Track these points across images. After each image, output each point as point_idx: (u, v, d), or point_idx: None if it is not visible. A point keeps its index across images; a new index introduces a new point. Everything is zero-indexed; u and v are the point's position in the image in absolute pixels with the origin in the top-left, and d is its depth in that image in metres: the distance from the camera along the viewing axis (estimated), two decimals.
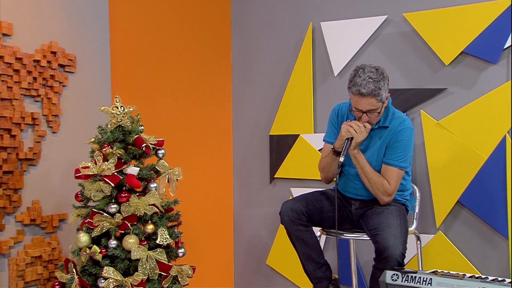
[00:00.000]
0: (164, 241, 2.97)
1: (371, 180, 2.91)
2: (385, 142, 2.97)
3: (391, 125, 2.97)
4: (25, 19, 3.10)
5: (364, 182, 2.95)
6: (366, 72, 2.83)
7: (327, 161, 3.05)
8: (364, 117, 2.88)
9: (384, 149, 2.97)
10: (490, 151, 3.33)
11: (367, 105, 2.83)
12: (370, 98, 2.81)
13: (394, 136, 2.95)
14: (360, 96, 2.82)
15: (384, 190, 2.90)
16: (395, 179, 2.92)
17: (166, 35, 3.95)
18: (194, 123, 4.13)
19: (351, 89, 2.85)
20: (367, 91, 2.79)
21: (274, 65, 4.18)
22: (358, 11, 3.80)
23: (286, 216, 2.93)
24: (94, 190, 2.91)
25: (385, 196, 2.92)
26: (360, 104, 2.85)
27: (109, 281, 2.81)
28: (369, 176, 2.91)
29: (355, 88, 2.82)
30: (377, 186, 2.90)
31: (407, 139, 2.95)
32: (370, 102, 2.82)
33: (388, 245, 2.64)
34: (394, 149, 2.94)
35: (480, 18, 3.34)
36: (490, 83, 3.35)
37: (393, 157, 2.94)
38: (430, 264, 3.40)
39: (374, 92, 2.79)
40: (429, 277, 2.32)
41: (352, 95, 2.87)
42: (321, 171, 3.13)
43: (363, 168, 2.91)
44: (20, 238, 3.06)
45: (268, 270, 4.21)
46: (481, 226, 3.39)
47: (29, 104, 3.13)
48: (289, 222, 2.93)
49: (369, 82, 2.79)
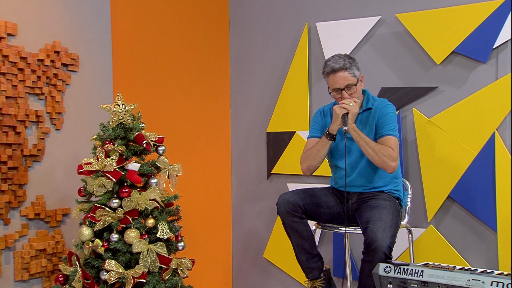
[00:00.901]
0: (165, 235, 2.98)
1: (375, 148, 2.91)
2: (374, 121, 3.03)
3: (374, 105, 3.07)
4: (29, 19, 3.11)
5: (369, 154, 2.92)
6: (334, 56, 3.03)
7: (316, 147, 3.06)
8: (344, 94, 2.98)
9: (374, 128, 3.03)
10: (480, 147, 3.33)
11: (343, 79, 2.96)
12: (344, 72, 2.96)
13: (381, 111, 3.04)
14: (334, 73, 2.97)
15: (390, 155, 2.91)
16: (395, 145, 2.96)
17: (166, 35, 3.96)
18: (194, 120, 4.14)
19: (325, 72, 3.02)
20: (339, 66, 2.96)
21: (271, 64, 4.19)
22: (352, 11, 3.80)
23: (282, 207, 2.96)
24: (97, 186, 2.92)
25: (392, 161, 2.91)
26: (336, 82, 2.98)
27: (111, 274, 2.82)
28: (372, 145, 2.91)
29: (328, 68, 2.99)
30: (382, 152, 2.90)
31: (392, 113, 3.05)
32: (344, 76, 2.96)
33: (376, 238, 2.65)
34: (385, 121, 3.01)
35: (470, 19, 3.34)
36: (479, 82, 3.35)
37: (386, 128, 2.99)
38: (421, 256, 3.41)
39: (346, 65, 2.96)
40: (420, 269, 2.32)
41: (328, 78, 3.01)
42: (305, 160, 3.11)
43: (365, 139, 2.92)
44: (25, 232, 3.07)
45: (265, 262, 4.22)
46: (471, 220, 3.40)
47: (33, 102, 3.14)
48: (285, 213, 2.95)
49: (338, 59, 2.99)
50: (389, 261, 2.55)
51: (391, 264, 2.40)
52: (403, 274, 2.37)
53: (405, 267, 2.38)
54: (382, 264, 2.42)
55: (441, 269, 2.32)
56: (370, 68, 3.68)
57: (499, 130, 3.29)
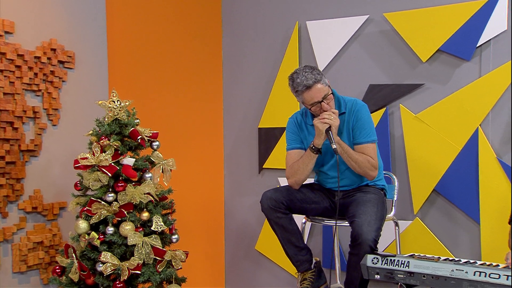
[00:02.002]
0: (159, 227, 2.98)
1: (357, 160, 2.90)
2: (350, 126, 3.00)
3: (347, 110, 3.01)
4: (26, 17, 3.10)
5: (351, 165, 2.93)
6: (299, 72, 2.92)
7: (303, 161, 2.98)
8: (324, 105, 2.90)
9: (351, 132, 3.00)
10: (464, 142, 3.35)
11: (318, 92, 2.88)
12: (317, 85, 2.87)
13: (354, 117, 2.99)
14: (309, 89, 2.87)
15: (371, 165, 2.91)
16: (373, 153, 2.95)
17: (160, 33, 3.96)
18: (187, 116, 4.14)
19: (299, 91, 2.90)
20: (312, 81, 2.87)
21: (263, 62, 4.19)
22: (341, 11, 3.81)
23: (265, 204, 2.94)
24: (92, 180, 2.92)
25: (373, 171, 2.93)
26: (313, 97, 2.89)
27: (107, 265, 2.82)
28: (354, 157, 2.90)
29: (301, 86, 2.88)
30: (364, 163, 2.90)
31: (366, 116, 3.00)
32: (319, 89, 2.88)
33: (362, 231, 2.65)
34: (359, 128, 2.98)
35: (455, 18, 3.36)
36: (464, 79, 3.37)
37: (362, 135, 2.97)
38: (407, 248, 3.43)
39: (317, 78, 2.88)
40: (406, 260, 2.33)
41: (303, 95, 2.91)
42: (293, 175, 3.01)
43: (347, 152, 2.90)
44: (23, 225, 3.07)
45: (256, 254, 4.23)
46: (455, 212, 3.42)
47: (31, 98, 3.13)
48: (268, 210, 2.94)
49: (307, 74, 2.88)
50: (377, 252, 2.56)
51: (379, 255, 2.40)
52: (390, 265, 2.37)
53: (391, 258, 2.38)
54: (370, 255, 2.43)
55: (426, 260, 2.32)
56: (358, 65, 3.69)
57: (482, 125, 3.31)
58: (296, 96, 2.97)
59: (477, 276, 2.15)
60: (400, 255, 2.41)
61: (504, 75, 3.23)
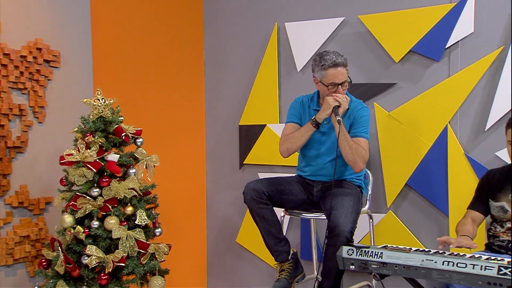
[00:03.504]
0: (143, 221, 2.98)
1: (352, 146, 2.91)
2: (349, 121, 3.02)
3: (352, 106, 3.04)
4: (12, 17, 3.07)
5: (345, 150, 2.91)
6: (330, 51, 2.96)
7: (299, 132, 3.01)
8: (340, 90, 2.94)
9: (349, 127, 3.02)
10: (434, 139, 3.39)
11: (342, 75, 2.92)
12: (343, 68, 2.92)
13: (357, 113, 3.02)
14: (336, 67, 2.90)
15: (363, 156, 2.93)
16: (367, 148, 2.98)
17: (144, 33, 3.94)
18: (170, 114, 4.13)
19: (325, 65, 2.91)
20: (341, 60, 2.91)
21: (243, 61, 4.19)
22: (318, 13, 3.82)
23: (248, 195, 2.94)
24: (78, 175, 2.91)
25: (362, 163, 2.94)
26: (336, 76, 2.92)
27: (92, 258, 2.81)
28: (350, 142, 2.91)
29: (330, 61, 2.90)
30: (357, 152, 2.91)
31: (367, 115, 3.05)
32: (343, 72, 2.92)
33: (339, 223, 2.68)
34: (359, 123, 3.01)
35: (426, 21, 3.38)
36: (434, 79, 3.40)
37: (360, 130, 3.00)
38: (381, 240, 3.43)
39: (345, 62, 2.94)
40: (380, 251, 2.33)
41: (327, 71, 2.92)
42: (286, 142, 3.06)
43: (345, 135, 2.91)
44: (9, 219, 3.04)
45: (238, 247, 4.24)
46: (426, 205, 3.46)
47: (17, 96, 3.10)
48: (251, 200, 2.93)
49: (338, 55, 2.93)
50: (351, 244, 2.58)
51: (353, 247, 2.41)
52: (364, 256, 2.38)
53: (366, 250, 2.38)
54: (345, 247, 2.43)
55: (398, 251, 2.33)
56: None
57: (451, 123, 3.35)
58: (318, 71, 2.96)
59: (446, 265, 2.18)
60: (374, 247, 2.42)
61: (471, 75, 3.28)
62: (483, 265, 2.10)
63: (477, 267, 2.11)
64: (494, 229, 2.71)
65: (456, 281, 2.16)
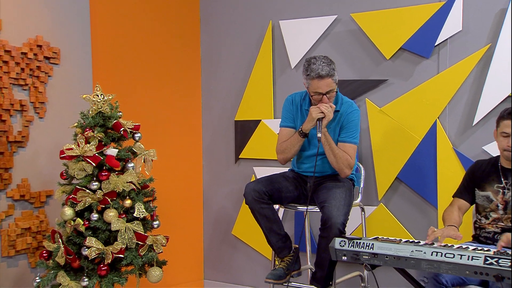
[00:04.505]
0: (141, 214, 2.99)
1: (337, 155, 2.91)
2: (339, 124, 3.01)
3: (342, 109, 3.01)
4: (13, 15, 3.06)
5: (330, 158, 2.92)
6: (318, 59, 2.89)
7: (290, 142, 3.01)
8: (325, 99, 2.89)
9: (338, 130, 3.01)
10: (423, 134, 3.40)
11: (326, 86, 2.86)
12: (328, 79, 2.85)
13: (347, 118, 3.00)
14: (320, 79, 2.85)
15: (348, 164, 2.93)
16: (353, 153, 2.97)
17: (142, 31, 3.93)
18: (168, 109, 4.13)
19: (310, 76, 2.87)
20: (325, 73, 2.84)
21: (239, 58, 4.18)
22: (311, 11, 3.82)
23: (250, 196, 2.92)
24: (78, 169, 2.91)
25: (348, 169, 2.94)
26: (320, 87, 2.87)
27: (92, 250, 2.82)
28: (335, 152, 2.91)
29: (314, 73, 2.85)
30: (342, 160, 2.91)
31: (356, 119, 3.02)
32: (328, 83, 2.86)
33: (331, 216, 2.69)
34: (348, 128, 2.99)
35: (416, 19, 3.39)
36: (423, 75, 3.41)
37: (348, 135, 2.98)
38: (372, 231, 3.45)
39: (331, 73, 2.85)
40: (371, 242, 2.34)
41: (311, 81, 2.88)
42: (281, 152, 3.07)
43: (331, 145, 2.91)
44: (11, 212, 3.05)
45: (233, 239, 4.25)
46: (416, 198, 3.47)
47: (18, 92, 3.10)
48: (253, 202, 2.92)
49: (324, 65, 2.85)
50: (344, 236, 2.59)
51: (346, 238, 2.42)
52: (356, 247, 2.39)
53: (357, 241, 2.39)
54: (338, 238, 2.44)
55: (389, 242, 2.34)
56: None
57: (440, 118, 3.36)
58: (304, 79, 2.94)
59: (434, 256, 2.20)
60: (366, 238, 2.43)
61: (460, 72, 3.29)
62: (470, 255, 2.12)
63: (464, 257, 2.13)
64: (480, 221, 2.75)
65: (445, 271, 2.18)
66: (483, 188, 2.73)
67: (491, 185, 2.70)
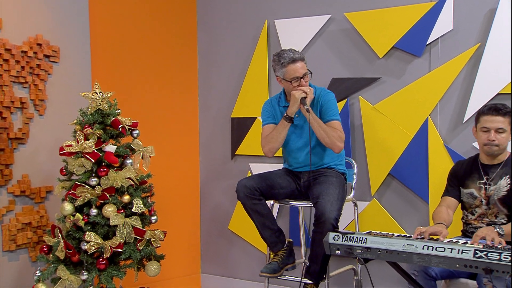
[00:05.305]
0: (139, 209, 2.99)
1: (326, 130, 2.92)
2: (318, 107, 3.04)
3: (317, 93, 3.06)
4: (13, 14, 3.06)
5: (320, 134, 2.92)
6: (286, 50, 2.99)
7: (276, 130, 3.01)
8: (303, 82, 2.96)
9: (319, 114, 3.03)
10: (415, 131, 3.40)
11: (302, 68, 2.95)
12: (301, 62, 2.95)
13: (323, 99, 3.04)
14: (294, 62, 2.93)
15: (339, 136, 2.94)
16: (341, 128, 2.99)
17: (140, 30, 3.93)
18: (165, 107, 4.13)
19: (284, 63, 2.94)
20: (298, 56, 2.95)
21: (235, 57, 4.18)
22: (306, 10, 3.82)
23: (241, 192, 2.92)
24: (77, 166, 2.91)
25: (340, 142, 2.94)
26: (297, 70, 2.94)
27: (91, 244, 2.83)
28: (323, 127, 2.92)
29: (288, 58, 2.94)
30: (332, 133, 2.92)
31: (333, 99, 3.07)
32: (302, 65, 2.95)
33: (325, 211, 2.70)
34: (328, 107, 3.02)
35: (408, 18, 3.39)
36: (415, 73, 3.41)
37: (330, 114, 3.01)
38: (365, 226, 3.47)
39: (302, 56, 2.97)
40: (364, 237, 2.35)
41: (287, 67, 2.94)
42: (268, 143, 3.04)
43: (318, 121, 2.92)
44: (12, 207, 3.05)
45: (229, 233, 4.25)
46: (407, 193, 3.48)
47: (18, 90, 3.10)
48: (244, 198, 2.92)
49: (294, 51, 2.96)
50: (337, 230, 2.60)
51: (339, 233, 2.42)
52: (350, 241, 2.39)
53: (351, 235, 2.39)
54: (331, 233, 2.44)
55: (381, 236, 2.34)
56: (321, 61, 3.72)
57: (431, 115, 3.37)
58: (279, 70, 2.99)
59: (425, 250, 2.20)
60: (359, 233, 2.43)
61: (451, 70, 3.30)
62: (460, 249, 2.13)
63: (454, 251, 2.14)
64: (466, 217, 2.81)
65: (435, 264, 2.19)
66: (466, 186, 2.79)
67: (474, 182, 2.76)
